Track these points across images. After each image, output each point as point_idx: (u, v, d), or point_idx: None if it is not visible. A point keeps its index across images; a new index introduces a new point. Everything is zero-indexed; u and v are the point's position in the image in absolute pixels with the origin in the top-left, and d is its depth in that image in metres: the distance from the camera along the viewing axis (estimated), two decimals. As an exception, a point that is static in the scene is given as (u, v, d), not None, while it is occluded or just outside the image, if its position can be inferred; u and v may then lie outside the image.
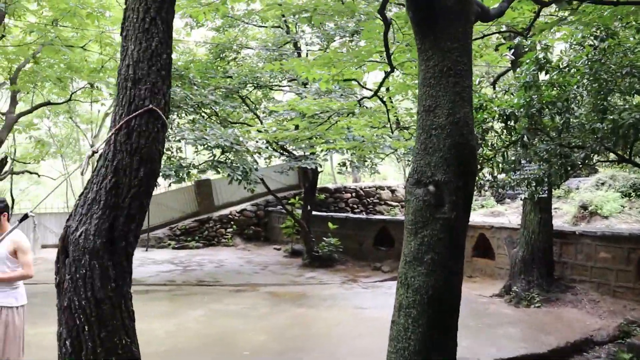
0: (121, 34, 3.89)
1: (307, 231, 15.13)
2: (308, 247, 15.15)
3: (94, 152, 3.75)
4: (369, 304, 9.86)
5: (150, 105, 3.64)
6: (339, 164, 13.27)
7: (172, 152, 13.91)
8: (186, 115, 12.79)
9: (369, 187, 22.89)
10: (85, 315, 3.32)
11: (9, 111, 11.27)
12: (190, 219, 20.08)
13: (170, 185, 11.95)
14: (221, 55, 16.04)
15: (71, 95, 11.91)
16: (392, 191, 23.22)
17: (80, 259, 3.37)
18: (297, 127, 7.97)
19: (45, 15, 12.57)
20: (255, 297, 10.66)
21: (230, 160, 11.28)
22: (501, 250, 11.16)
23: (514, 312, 9.00)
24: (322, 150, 12.20)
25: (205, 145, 10.41)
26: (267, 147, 12.79)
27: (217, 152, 11.90)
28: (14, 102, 11.45)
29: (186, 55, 17.11)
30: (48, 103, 12.39)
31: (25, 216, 4.37)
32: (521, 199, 10.22)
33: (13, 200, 16.68)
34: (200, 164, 11.48)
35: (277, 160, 18.71)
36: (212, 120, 13.60)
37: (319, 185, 21.04)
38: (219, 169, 10.90)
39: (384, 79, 5.90)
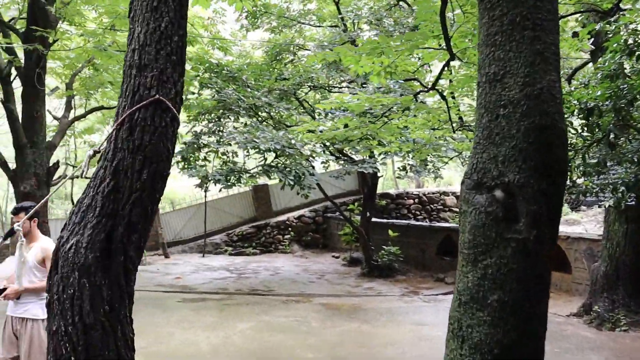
0: (129, 16, 3.38)
1: (366, 239, 14.43)
2: (367, 255, 14.44)
3: (95, 152, 3.24)
4: (430, 320, 9.04)
5: (157, 95, 3.09)
6: (398, 168, 12.47)
7: (227, 157, 13.62)
8: (238, 118, 12.40)
9: (433, 193, 21.89)
10: (72, 343, 2.79)
11: (63, 116, 11.28)
12: (247, 224, 19.84)
13: (221, 190, 11.55)
14: (277, 57, 15.64)
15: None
16: (457, 197, 22.07)
17: (68, 276, 2.85)
18: (346, 126, 7.35)
19: (105, 21, 12.57)
20: (308, 309, 10.06)
21: (282, 164, 10.76)
22: (579, 264, 10.04)
23: (595, 335, 7.92)
24: (379, 154, 11.47)
25: (256, 149, 9.94)
26: (323, 151, 12.19)
27: (270, 156, 11.45)
28: (68, 107, 11.46)
29: (242, 58, 16.86)
30: (101, 107, 12.36)
31: (11, 231, 3.95)
32: (600, 207, 9.09)
33: (74, 204, 16.88)
34: (251, 169, 11.03)
35: (337, 165, 18.15)
36: (268, 124, 13.18)
37: (379, 191, 20.31)
38: (269, 174, 10.40)
39: (442, 69, 5.13)
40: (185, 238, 19.79)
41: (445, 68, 5.28)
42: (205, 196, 18.64)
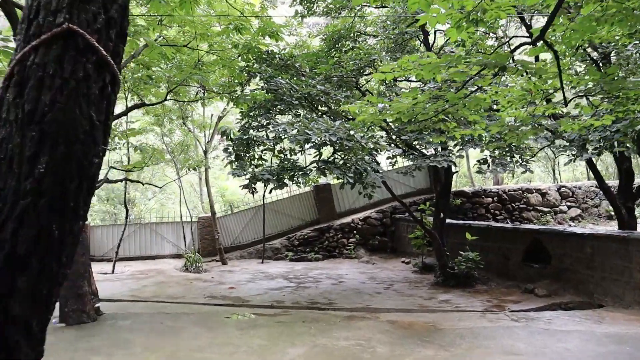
0: None
1: (440, 243, 12.73)
2: (441, 262, 12.74)
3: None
4: (524, 348, 7.28)
5: (66, 24, 1.73)
6: (478, 161, 10.70)
7: (284, 155, 12.36)
8: (291, 109, 11.06)
9: (514, 190, 19.73)
10: None
11: (103, 114, 10.30)
12: (309, 227, 18.55)
13: (271, 191, 10.28)
14: (336, 45, 14.21)
15: (166, 95, 10.73)
16: (543, 194, 19.84)
17: None
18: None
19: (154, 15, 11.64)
20: (373, 329, 8.54)
21: (340, 160, 9.32)
22: None
23: None
24: (455, 145, 9.81)
25: (310, 142, 8.55)
26: (388, 144, 10.64)
27: (327, 150, 10.05)
28: (110, 104, 10.48)
29: (299, 49, 15.59)
30: (142, 105, 11.39)
31: None
32: None
33: (127, 210, 16.19)
34: (306, 166, 9.65)
35: (405, 162, 16.53)
36: (326, 117, 11.81)
37: (453, 189, 18.48)
38: (325, 171, 8.98)
39: (557, 6, 3.53)
40: (244, 243, 18.77)
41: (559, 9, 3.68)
42: (264, 197, 17.51)
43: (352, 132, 8.52)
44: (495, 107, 7.20)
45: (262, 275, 14.36)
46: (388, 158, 12.21)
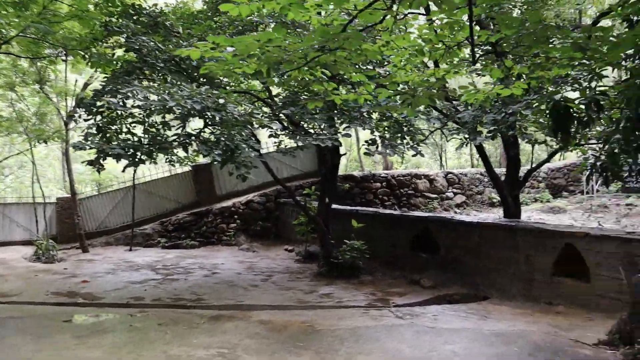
0: None
1: (325, 230, 11.81)
2: (325, 251, 11.83)
3: None
4: (409, 352, 6.40)
5: None
6: (366, 141, 9.82)
7: (157, 129, 10.72)
8: (155, 73, 9.47)
9: (403, 176, 19.34)
10: None
11: None
12: (186, 211, 16.95)
13: (124, 169, 8.70)
14: (218, 8, 12.66)
15: (1, 45, 8.69)
16: (431, 181, 19.65)
17: None
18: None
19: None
20: (242, 332, 7.32)
21: (211, 134, 7.95)
22: (602, 270, 7.64)
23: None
24: (342, 122, 8.80)
25: (169, 111, 7.09)
26: (265, 117, 9.40)
27: (196, 124, 8.62)
28: None
29: (179, 11, 13.84)
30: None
31: None
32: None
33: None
34: (164, 141, 8.15)
35: (293, 142, 15.40)
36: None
37: (343, 173, 17.71)
38: (187, 147, 7.57)
39: None
40: (111, 227, 16.78)
41: None
42: (134, 177, 15.65)
43: (221, 101, 7.18)
44: (385, 66, 6.20)
45: (126, 265, 12.64)
46: (270, 136, 11.00)
